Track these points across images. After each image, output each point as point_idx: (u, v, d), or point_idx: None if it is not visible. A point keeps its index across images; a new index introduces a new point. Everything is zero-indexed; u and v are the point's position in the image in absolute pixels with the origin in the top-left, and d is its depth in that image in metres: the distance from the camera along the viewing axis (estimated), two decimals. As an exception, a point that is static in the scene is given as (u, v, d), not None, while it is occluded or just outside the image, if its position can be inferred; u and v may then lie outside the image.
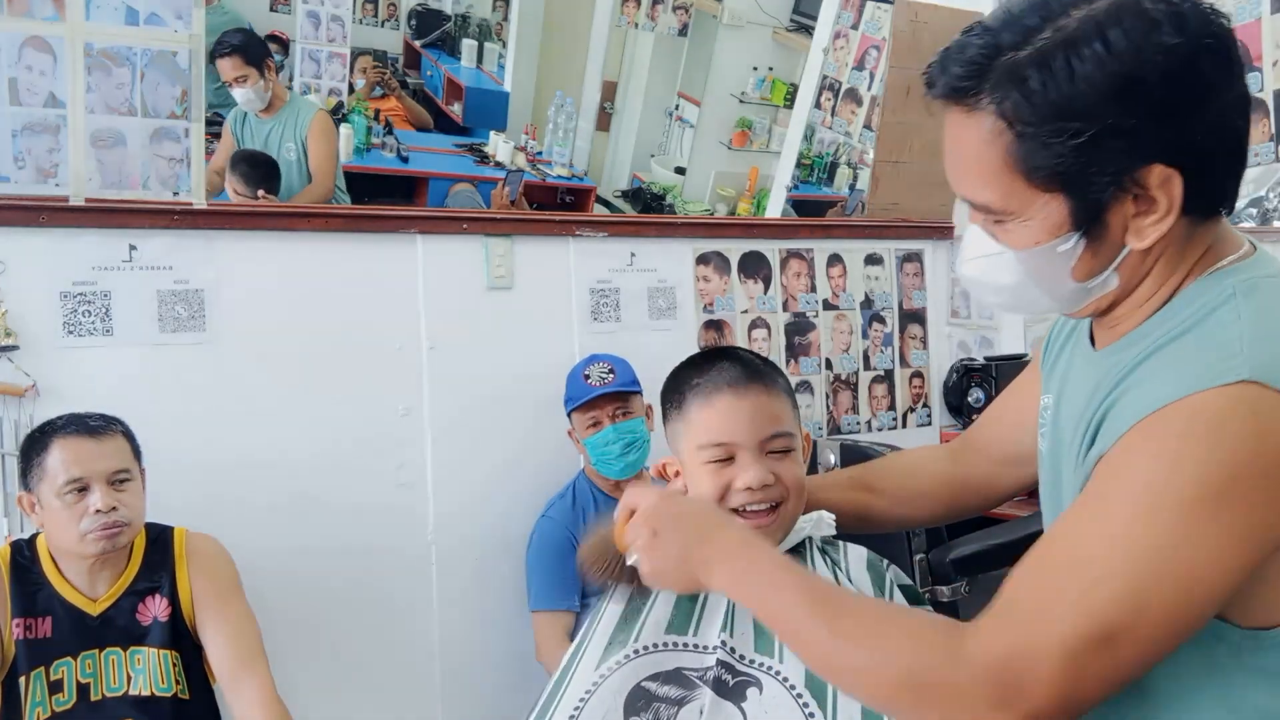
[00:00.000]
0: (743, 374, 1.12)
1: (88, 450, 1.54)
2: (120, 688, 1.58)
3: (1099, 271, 0.84)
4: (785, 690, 1.01)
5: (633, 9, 2.72)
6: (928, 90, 0.85)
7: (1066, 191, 0.80)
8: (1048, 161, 0.79)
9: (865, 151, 2.91)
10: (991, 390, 2.79)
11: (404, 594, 2.15)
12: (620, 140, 2.80)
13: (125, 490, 1.56)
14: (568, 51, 2.75)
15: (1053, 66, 0.77)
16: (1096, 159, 0.78)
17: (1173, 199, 0.79)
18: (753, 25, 2.82)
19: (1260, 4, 2.41)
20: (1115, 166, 0.78)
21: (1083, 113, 0.76)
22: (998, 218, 0.84)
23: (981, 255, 0.88)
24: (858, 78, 2.87)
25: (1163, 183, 0.78)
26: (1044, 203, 0.81)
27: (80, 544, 1.53)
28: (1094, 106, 0.76)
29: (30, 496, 1.57)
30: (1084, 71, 0.76)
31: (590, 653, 1.08)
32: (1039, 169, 0.79)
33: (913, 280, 2.96)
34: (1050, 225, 0.82)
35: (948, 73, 0.82)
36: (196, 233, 1.96)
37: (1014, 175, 0.81)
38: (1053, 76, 0.77)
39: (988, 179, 0.82)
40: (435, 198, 2.75)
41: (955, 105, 0.83)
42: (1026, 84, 0.78)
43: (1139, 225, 0.80)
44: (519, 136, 2.73)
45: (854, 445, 2.28)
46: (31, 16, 1.79)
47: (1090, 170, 0.78)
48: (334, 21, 2.64)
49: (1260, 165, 2.50)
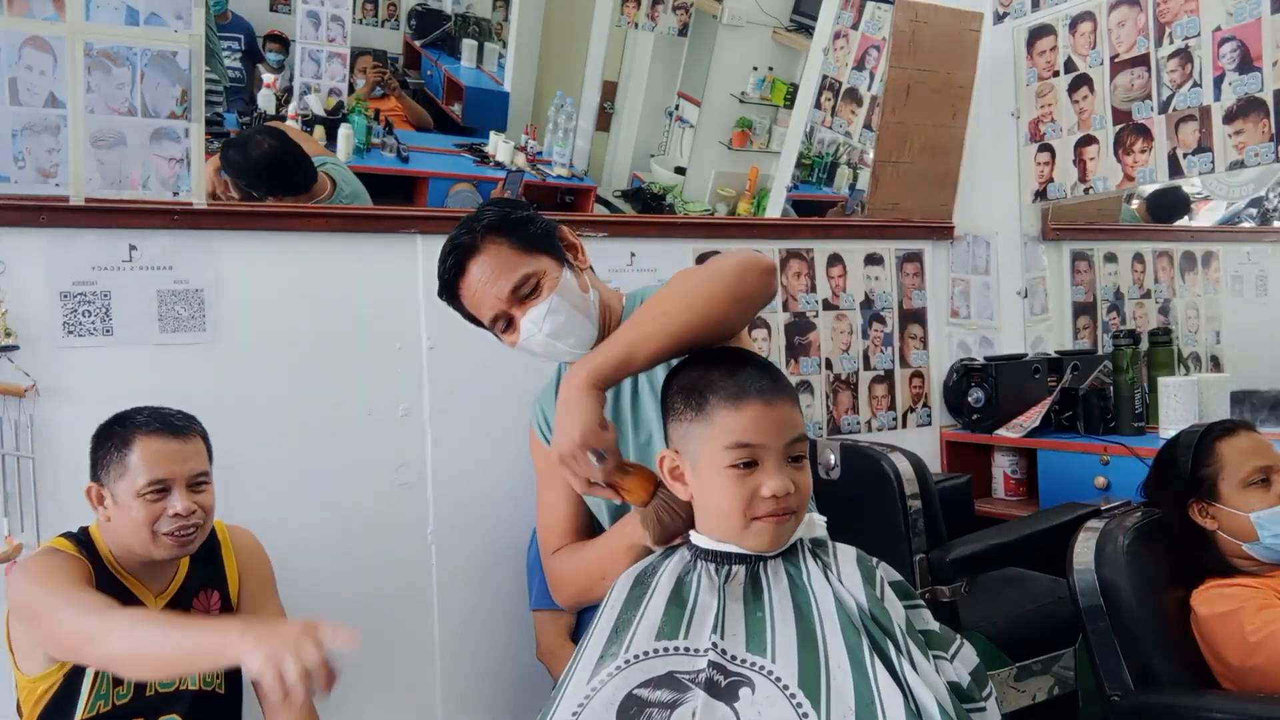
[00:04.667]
0: (771, 385, 1.14)
1: (172, 451, 1.51)
2: (172, 683, 1.54)
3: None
4: (777, 689, 1.01)
5: (633, 9, 2.72)
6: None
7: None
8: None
9: (865, 151, 2.91)
10: (992, 390, 2.80)
11: (404, 594, 2.15)
12: (620, 140, 2.80)
13: (203, 493, 1.54)
14: (568, 51, 2.75)
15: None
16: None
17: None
18: (753, 25, 2.82)
19: (1260, 4, 2.41)
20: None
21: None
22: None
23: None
24: (858, 78, 2.87)
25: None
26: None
27: (153, 545, 1.50)
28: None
29: (101, 490, 1.52)
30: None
31: (582, 667, 1.08)
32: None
33: (913, 280, 2.96)
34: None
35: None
36: (196, 233, 1.96)
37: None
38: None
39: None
40: (435, 198, 2.74)
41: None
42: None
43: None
44: (519, 136, 2.73)
45: (854, 445, 2.27)
46: (31, 16, 1.79)
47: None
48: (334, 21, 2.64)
49: (1260, 165, 2.50)
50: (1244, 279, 3.36)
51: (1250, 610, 1.58)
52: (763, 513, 1.09)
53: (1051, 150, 2.95)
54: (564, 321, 1.47)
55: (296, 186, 2.28)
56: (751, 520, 1.10)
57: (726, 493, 1.10)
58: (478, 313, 1.51)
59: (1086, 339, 3.15)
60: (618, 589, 1.17)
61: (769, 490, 1.09)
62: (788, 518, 1.11)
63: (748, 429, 1.10)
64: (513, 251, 1.47)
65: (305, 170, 2.31)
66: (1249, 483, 1.67)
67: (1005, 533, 2.22)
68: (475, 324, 1.55)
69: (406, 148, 2.86)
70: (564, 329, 1.48)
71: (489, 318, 1.50)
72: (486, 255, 1.46)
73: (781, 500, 1.09)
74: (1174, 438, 1.82)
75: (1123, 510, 1.83)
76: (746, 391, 1.12)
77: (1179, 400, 2.47)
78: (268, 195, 2.27)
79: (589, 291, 1.54)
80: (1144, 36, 2.68)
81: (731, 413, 1.11)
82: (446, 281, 1.50)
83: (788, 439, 1.12)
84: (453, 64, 2.97)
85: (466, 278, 1.47)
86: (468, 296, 1.49)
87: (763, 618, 1.08)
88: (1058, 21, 2.90)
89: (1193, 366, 3.11)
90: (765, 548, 1.12)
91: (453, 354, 2.19)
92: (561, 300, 1.47)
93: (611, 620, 1.12)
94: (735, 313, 1.32)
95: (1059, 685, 2.21)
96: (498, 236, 1.47)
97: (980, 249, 3.08)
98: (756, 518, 1.10)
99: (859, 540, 1.25)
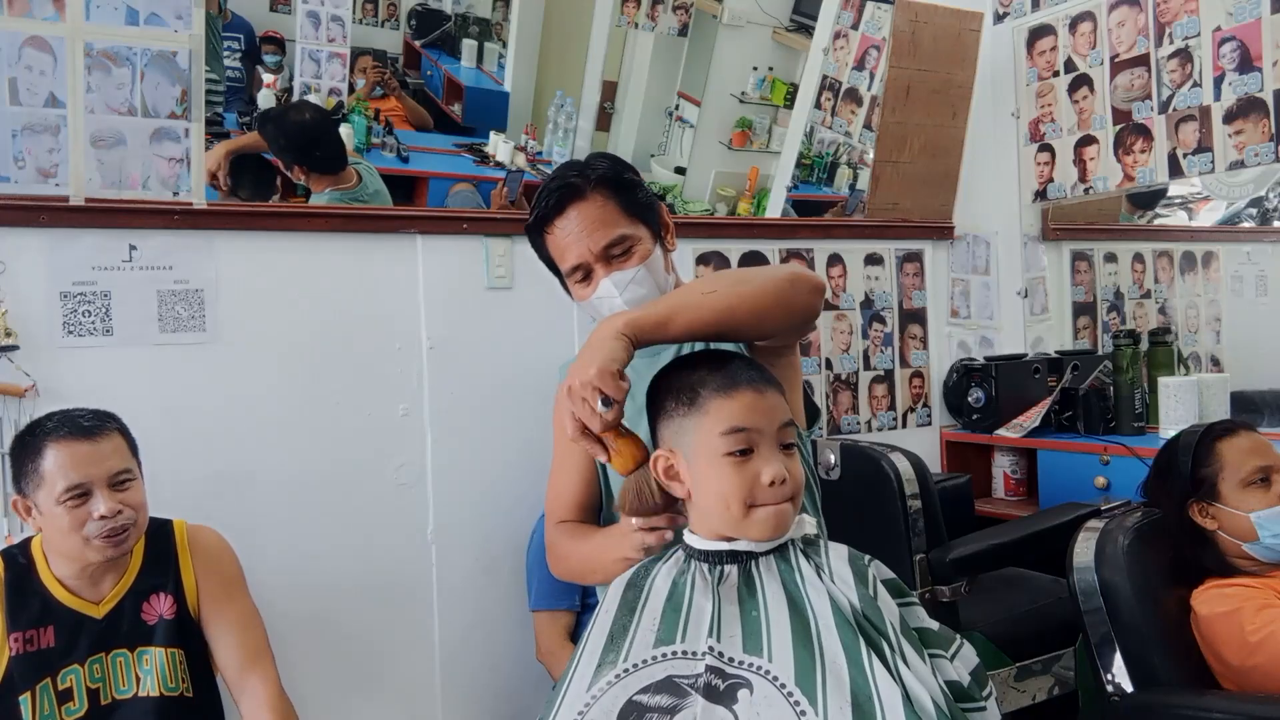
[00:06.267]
0: (760, 375, 1.16)
1: (85, 453, 1.47)
2: (130, 689, 1.52)
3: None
4: (775, 689, 1.01)
5: (633, 9, 2.72)
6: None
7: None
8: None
9: (865, 151, 2.91)
10: (992, 390, 2.80)
11: (404, 594, 2.15)
12: (620, 140, 2.80)
13: (128, 490, 1.50)
14: (568, 51, 2.74)
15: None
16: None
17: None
18: (753, 25, 2.82)
19: (1260, 4, 2.40)
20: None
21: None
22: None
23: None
24: (858, 78, 2.87)
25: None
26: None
27: (85, 551, 1.47)
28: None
29: (25, 501, 1.49)
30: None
31: (580, 675, 1.08)
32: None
33: (912, 280, 2.96)
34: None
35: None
36: (196, 233, 1.96)
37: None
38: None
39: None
40: (435, 198, 2.73)
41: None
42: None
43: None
44: (519, 136, 2.73)
45: (854, 445, 2.27)
46: (31, 16, 1.79)
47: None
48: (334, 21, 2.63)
49: (1260, 165, 2.50)
50: (1244, 279, 3.36)
51: (1250, 610, 1.58)
52: (763, 500, 1.10)
53: (1051, 150, 2.95)
54: (644, 295, 1.43)
55: (328, 164, 2.28)
56: (752, 508, 1.10)
57: (726, 481, 1.10)
58: (559, 257, 1.46)
59: (1086, 339, 3.15)
60: (611, 593, 1.17)
61: (768, 476, 1.09)
62: (787, 504, 1.11)
63: (742, 414, 1.11)
64: (618, 210, 1.43)
65: (340, 149, 2.32)
66: (1249, 483, 1.67)
67: (1005, 533, 2.22)
68: (548, 266, 1.51)
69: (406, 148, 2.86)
70: (640, 302, 1.41)
71: (570, 265, 1.45)
72: (591, 204, 1.42)
73: (780, 487, 1.09)
74: (1174, 438, 1.82)
75: (1123, 510, 1.83)
76: (737, 381, 1.13)
77: (1179, 400, 2.47)
78: (295, 166, 2.24)
79: (670, 274, 1.52)
80: (1144, 36, 2.68)
81: (725, 400, 1.12)
82: (541, 216, 1.45)
83: (779, 424, 1.13)
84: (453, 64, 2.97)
85: (563, 218, 1.43)
86: (556, 237, 1.44)
87: (758, 616, 1.08)
88: (1058, 21, 2.90)
89: (1193, 366, 3.11)
90: (768, 535, 1.12)
91: (453, 354, 2.19)
92: (647, 273, 1.44)
93: (607, 626, 1.12)
94: (778, 316, 1.28)
95: (1059, 685, 2.21)
96: (608, 190, 1.43)
97: (980, 249, 3.08)
98: (756, 505, 1.10)
99: (859, 540, 1.25)
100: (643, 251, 1.45)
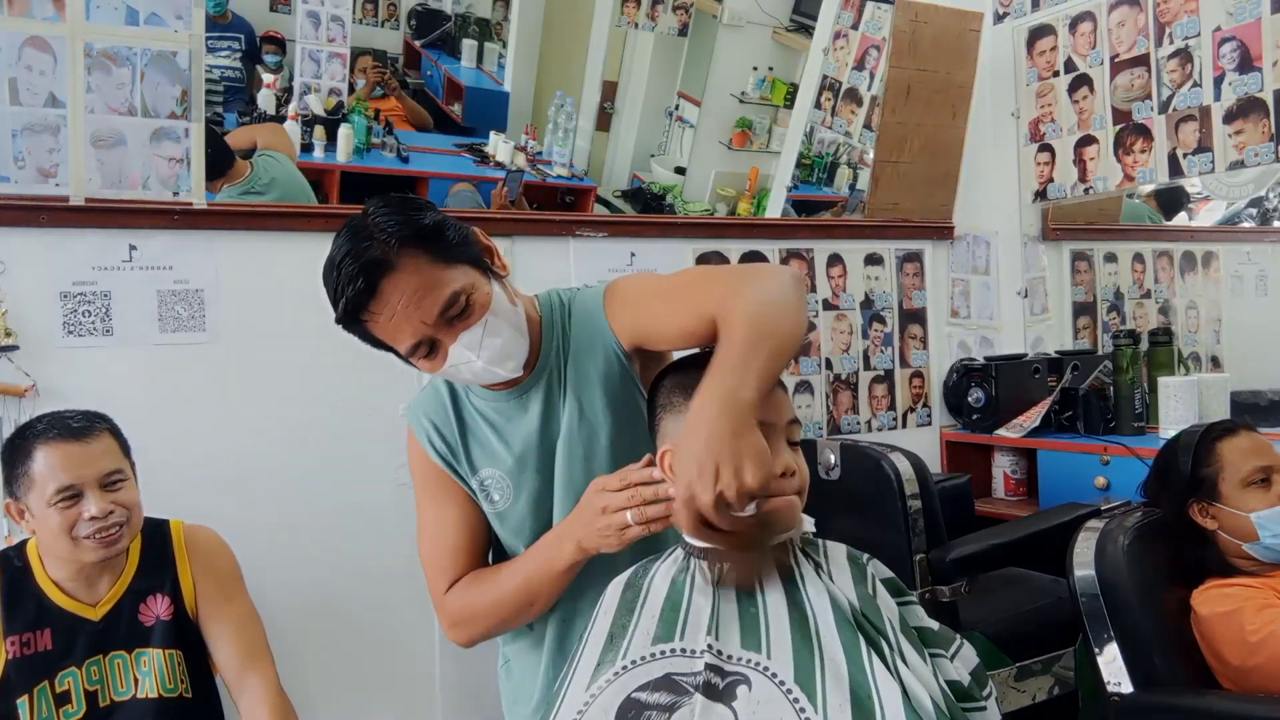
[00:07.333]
0: None
1: (75, 454, 1.46)
2: (128, 691, 1.52)
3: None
4: (774, 686, 1.01)
5: (633, 9, 2.72)
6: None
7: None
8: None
9: (865, 151, 2.91)
10: (992, 390, 2.80)
11: (403, 594, 2.14)
12: (620, 140, 2.80)
13: (119, 490, 1.50)
14: (568, 51, 2.74)
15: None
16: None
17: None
18: (753, 25, 2.82)
19: (1260, 4, 2.40)
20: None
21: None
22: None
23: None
24: (858, 78, 2.87)
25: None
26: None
27: (78, 552, 1.47)
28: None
29: (18, 504, 1.49)
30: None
31: (579, 674, 1.08)
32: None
33: (912, 280, 2.96)
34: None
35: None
36: (196, 233, 1.96)
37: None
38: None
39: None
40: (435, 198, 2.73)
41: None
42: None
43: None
44: (519, 136, 2.73)
45: (854, 445, 2.27)
46: (31, 16, 1.79)
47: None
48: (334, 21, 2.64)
49: (1260, 165, 2.50)
50: (1244, 279, 3.36)
51: (1250, 610, 1.58)
52: (774, 491, 1.09)
53: (1051, 150, 2.95)
54: (503, 343, 1.28)
55: (213, 167, 2.15)
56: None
57: None
58: (391, 339, 1.27)
59: (1086, 339, 3.15)
60: (610, 594, 1.17)
61: (780, 467, 1.09)
62: (795, 496, 1.11)
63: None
64: (434, 265, 1.23)
65: (219, 149, 2.22)
66: (1249, 483, 1.67)
67: (1005, 533, 2.22)
68: (379, 348, 1.32)
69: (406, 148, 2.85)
70: (504, 351, 1.29)
71: (409, 345, 1.26)
72: (404, 272, 1.21)
73: (789, 478, 1.09)
74: (1174, 438, 1.82)
75: (1123, 510, 1.83)
76: None
77: (1179, 400, 2.47)
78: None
79: (516, 303, 1.34)
80: (1144, 36, 2.68)
81: None
82: (353, 305, 1.22)
83: (787, 418, 1.14)
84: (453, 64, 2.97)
85: (378, 300, 1.22)
86: (380, 322, 1.24)
87: (756, 614, 1.08)
88: (1058, 21, 2.90)
89: (1193, 366, 3.11)
90: (781, 528, 1.12)
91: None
92: (497, 319, 1.28)
93: (606, 627, 1.12)
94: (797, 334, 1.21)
95: (1059, 685, 2.21)
96: (414, 248, 1.22)
97: (980, 249, 3.08)
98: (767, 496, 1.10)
99: (859, 540, 1.25)
100: (481, 300, 1.26)
